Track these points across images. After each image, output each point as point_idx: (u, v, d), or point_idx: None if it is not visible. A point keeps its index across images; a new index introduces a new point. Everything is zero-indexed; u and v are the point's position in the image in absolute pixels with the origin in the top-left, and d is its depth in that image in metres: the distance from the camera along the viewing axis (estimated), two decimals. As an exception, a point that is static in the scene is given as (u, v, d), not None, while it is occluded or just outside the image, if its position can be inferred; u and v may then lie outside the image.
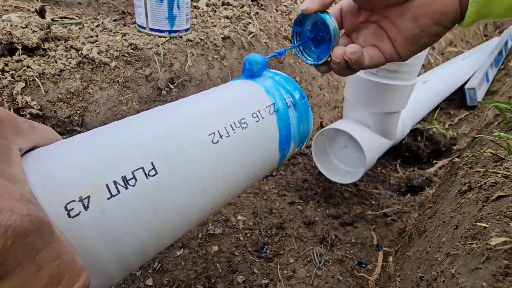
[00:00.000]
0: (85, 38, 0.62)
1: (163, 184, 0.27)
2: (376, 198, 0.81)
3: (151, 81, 0.65)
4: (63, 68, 0.55)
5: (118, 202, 0.24)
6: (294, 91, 0.42)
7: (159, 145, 0.28)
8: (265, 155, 0.39)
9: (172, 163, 0.28)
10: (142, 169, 0.26)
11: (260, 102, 0.38)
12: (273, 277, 0.59)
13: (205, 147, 0.31)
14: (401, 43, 0.40)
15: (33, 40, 0.55)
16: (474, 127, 1.05)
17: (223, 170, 0.32)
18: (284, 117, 0.40)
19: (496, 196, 0.34)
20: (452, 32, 1.81)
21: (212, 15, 0.85)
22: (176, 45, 0.69)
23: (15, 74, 0.52)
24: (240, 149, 0.35)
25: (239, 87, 0.40)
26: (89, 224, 0.22)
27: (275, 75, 0.44)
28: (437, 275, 0.34)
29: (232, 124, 0.34)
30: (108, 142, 0.26)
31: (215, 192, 0.32)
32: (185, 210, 0.29)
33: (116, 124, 0.30)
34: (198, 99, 0.36)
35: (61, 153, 0.24)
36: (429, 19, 0.37)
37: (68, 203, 0.21)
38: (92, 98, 0.58)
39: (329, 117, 1.13)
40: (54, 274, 0.18)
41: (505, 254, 0.26)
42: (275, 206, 0.76)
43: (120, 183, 0.24)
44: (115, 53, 0.61)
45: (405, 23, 0.39)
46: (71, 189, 0.22)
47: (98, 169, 0.24)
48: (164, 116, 0.32)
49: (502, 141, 0.44)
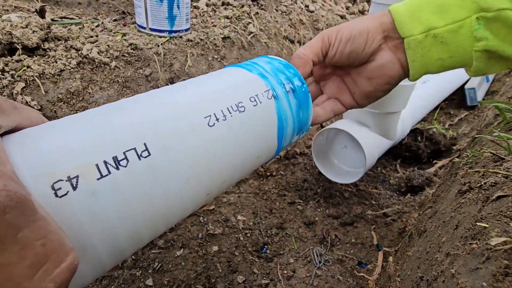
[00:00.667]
0: (85, 38, 0.62)
1: (156, 166, 0.25)
2: (376, 198, 0.81)
3: (151, 81, 0.65)
4: (63, 68, 0.55)
5: (108, 183, 0.22)
6: (293, 77, 0.41)
7: (152, 126, 0.27)
8: (263, 141, 0.37)
9: (165, 145, 0.26)
10: (135, 149, 0.24)
11: (259, 87, 0.37)
12: (273, 277, 0.59)
13: (200, 130, 0.30)
14: (359, 97, 0.47)
15: (33, 40, 0.55)
16: (474, 127, 1.05)
17: (219, 155, 0.31)
18: (283, 103, 0.39)
19: (496, 196, 0.34)
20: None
21: (212, 15, 0.85)
22: (176, 45, 0.69)
23: (15, 74, 0.52)
24: (237, 133, 0.33)
25: (236, 72, 0.39)
26: (78, 205, 0.21)
27: (274, 60, 0.43)
28: (437, 275, 0.34)
29: (229, 107, 0.33)
30: (98, 122, 0.25)
31: (211, 178, 0.31)
32: (179, 195, 0.28)
33: (108, 106, 0.29)
34: (194, 82, 0.35)
35: (48, 133, 0.23)
36: (380, 80, 0.44)
37: (55, 182, 0.20)
38: (92, 98, 0.58)
39: (329, 117, 1.13)
40: (39, 253, 0.17)
41: (505, 254, 0.26)
42: (275, 206, 0.76)
43: (111, 163, 0.23)
44: (115, 53, 0.61)
45: (362, 81, 0.46)
46: (59, 169, 0.21)
47: (87, 149, 0.23)
48: (158, 98, 0.30)
49: (502, 141, 0.44)
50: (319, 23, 1.02)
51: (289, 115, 0.40)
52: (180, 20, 0.68)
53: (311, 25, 1.01)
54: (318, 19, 1.03)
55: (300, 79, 0.42)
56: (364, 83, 0.46)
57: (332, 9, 1.14)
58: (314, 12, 1.04)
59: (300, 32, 0.96)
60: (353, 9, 1.21)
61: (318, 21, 1.02)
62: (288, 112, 0.40)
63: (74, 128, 0.24)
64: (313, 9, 1.05)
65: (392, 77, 0.44)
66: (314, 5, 1.09)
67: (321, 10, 1.09)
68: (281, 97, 0.39)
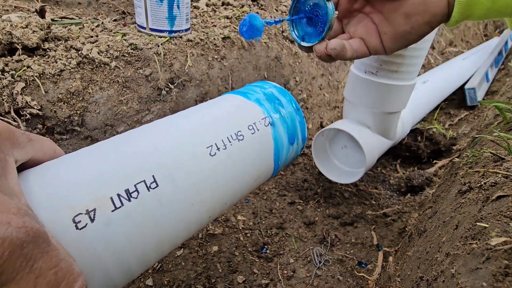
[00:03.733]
0: (85, 38, 0.62)
1: (164, 196, 0.28)
2: (376, 198, 0.81)
3: (151, 81, 0.65)
4: (63, 68, 0.55)
5: (121, 214, 0.25)
6: (288, 103, 0.44)
7: (159, 159, 0.29)
8: (261, 165, 0.40)
9: (172, 176, 0.29)
10: (144, 182, 0.27)
11: (256, 115, 0.40)
12: (273, 277, 0.59)
13: (203, 160, 0.32)
14: (390, 38, 0.42)
15: (33, 40, 0.55)
16: (474, 127, 1.05)
17: (220, 181, 0.34)
18: (279, 129, 0.41)
19: (496, 196, 0.34)
20: (452, 32, 1.81)
21: (212, 15, 0.85)
22: (176, 45, 0.69)
23: (15, 74, 0.52)
24: (237, 160, 0.36)
25: (235, 100, 0.41)
26: (95, 235, 0.23)
27: (269, 87, 0.45)
28: (437, 275, 0.34)
29: (229, 136, 0.35)
30: (110, 156, 0.28)
31: (213, 202, 0.33)
32: (184, 220, 0.30)
33: (118, 139, 0.31)
34: (196, 112, 0.38)
35: (66, 167, 0.26)
36: (421, 18, 0.39)
37: (75, 216, 0.23)
38: (92, 98, 0.58)
39: (329, 117, 1.13)
40: (51, 281, 0.18)
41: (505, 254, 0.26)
42: (275, 206, 0.76)
43: (123, 196, 0.25)
44: (115, 53, 0.61)
45: (398, 19, 0.41)
46: (78, 202, 0.23)
47: (102, 182, 0.25)
48: (164, 130, 0.33)
49: (502, 141, 0.44)
50: (319, 23, 1.02)
51: (284, 140, 0.42)
52: (180, 20, 0.68)
53: (311, 25, 1.01)
54: (318, 19, 1.03)
55: (295, 103, 0.44)
56: (401, 20, 0.41)
57: (332, 9, 1.14)
58: (314, 12, 1.04)
59: (300, 32, 0.96)
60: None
61: (318, 21, 1.02)
62: (284, 137, 0.42)
63: (89, 162, 0.27)
64: (313, 9, 1.05)
65: (435, 16, 0.39)
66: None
67: (321, 10, 1.09)
68: (277, 123, 0.41)
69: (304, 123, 0.45)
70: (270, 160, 0.41)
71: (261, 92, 0.43)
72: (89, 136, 0.59)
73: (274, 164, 0.42)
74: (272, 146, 0.40)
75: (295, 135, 0.44)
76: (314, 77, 1.03)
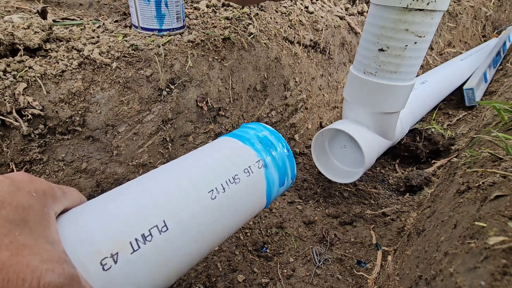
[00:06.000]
0: (87, 39, 0.62)
1: (172, 237, 0.33)
2: (375, 197, 0.82)
3: (152, 81, 0.65)
4: (64, 68, 0.55)
5: (138, 255, 0.30)
6: (278, 143, 0.49)
7: (169, 205, 0.34)
8: (255, 203, 0.45)
9: (179, 219, 0.34)
10: (157, 226, 0.32)
11: (251, 158, 0.45)
12: (273, 276, 0.59)
13: (205, 203, 0.37)
14: None
15: (34, 41, 0.55)
16: (472, 127, 1.06)
17: (219, 220, 0.39)
18: (271, 170, 0.46)
19: (494, 195, 0.35)
20: (450, 33, 1.81)
21: (212, 16, 0.85)
22: (176, 46, 0.69)
23: (17, 75, 0.52)
24: (234, 201, 0.41)
25: (232, 144, 0.47)
26: (118, 274, 0.28)
27: (263, 129, 0.50)
28: (436, 274, 0.34)
29: (227, 180, 0.41)
30: (129, 204, 0.33)
31: (213, 238, 0.38)
32: (188, 255, 0.35)
33: (133, 186, 0.36)
34: (199, 156, 0.43)
35: (92, 217, 0.31)
36: None
37: (102, 259, 0.28)
38: (94, 98, 0.58)
39: (329, 117, 1.13)
40: None
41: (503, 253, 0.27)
42: (275, 206, 0.76)
43: (140, 240, 0.30)
44: (116, 54, 0.61)
45: None
46: (104, 247, 0.28)
47: (123, 229, 0.30)
48: (173, 176, 0.38)
49: (500, 141, 0.45)
50: (318, 24, 1.02)
51: (276, 178, 0.47)
52: (169, 18, 0.68)
53: (310, 26, 1.01)
54: (317, 20, 1.03)
55: (285, 144, 0.50)
56: None
57: (332, 10, 1.14)
58: (314, 13, 1.04)
59: (299, 33, 0.97)
60: (352, 10, 1.21)
61: (317, 22, 1.03)
62: (275, 177, 0.47)
63: (110, 211, 0.32)
64: (312, 10, 1.05)
65: None
66: (313, 6, 1.09)
67: (321, 11, 1.09)
68: (269, 165, 0.47)
69: (293, 162, 0.50)
70: (263, 197, 0.46)
71: (255, 136, 0.49)
72: (90, 136, 0.59)
73: (266, 199, 0.47)
74: (265, 186, 0.46)
75: (285, 174, 0.49)
76: (314, 78, 1.04)
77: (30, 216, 0.24)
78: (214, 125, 0.78)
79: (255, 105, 0.86)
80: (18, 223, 0.23)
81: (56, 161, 0.57)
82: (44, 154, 0.56)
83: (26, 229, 0.23)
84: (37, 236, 0.24)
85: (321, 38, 1.02)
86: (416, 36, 0.59)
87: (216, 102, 0.76)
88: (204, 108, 0.73)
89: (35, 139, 0.54)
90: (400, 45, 0.60)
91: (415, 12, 0.56)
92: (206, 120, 0.76)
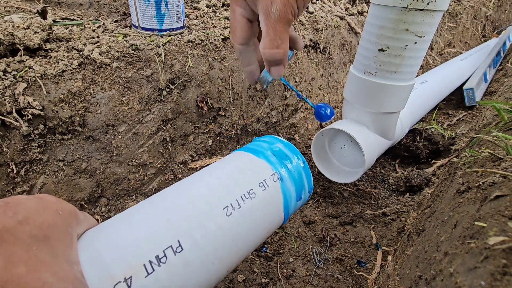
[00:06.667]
0: (87, 39, 0.63)
1: (188, 258, 0.31)
2: (375, 197, 0.82)
3: (152, 81, 0.65)
4: (64, 68, 0.55)
5: (153, 278, 0.29)
6: (293, 157, 0.47)
7: (184, 225, 0.33)
8: (272, 219, 0.42)
9: (194, 238, 0.33)
10: (171, 247, 0.31)
11: (265, 172, 0.43)
12: (273, 276, 0.59)
13: (221, 221, 0.35)
14: None
15: (34, 41, 0.55)
16: (472, 127, 1.06)
17: (236, 238, 0.37)
18: (287, 183, 0.44)
19: (494, 195, 0.35)
20: (450, 33, 1.81)
21: (212, 16, 0.85)
22: (176, 46, 0.69)
23: (17, 75, 0.52)
24: (250, 217, 0.39)
25: (245, 159, 0.45)
26: None
27: (276, 142, 0.48)
28: (436, 274, 0.34)
29: (243, 195, 0.39)
30: (141, 225, 0.32)
31: (230, 258, 0.36)
32: (205, 277, 0.34)
33: (149, 206, 0.35)
34: (212, 172, 0.41)
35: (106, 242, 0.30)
36: None
37: (116, 284, 0.27)
38: (94, 98, 0.58)
39: (329, 117, 1.13)
40: None
41: (503, 253, 0.27)
42: (275, 206, 0.76)
43: (154, 262, 0.29)
44: (116, 54, 0.61)
45: None
46: (117, 272, 0.27)
47: (137, 252, 0.29)
48: (184, 194, 0.37)
49: (500, 141, 0.45)
50: (318, 24, 1.02)
51: (292, 192, 0.45)
52: (169, 18, 0.68)
53: (310, 26, 1.01)
54: (317, 20, 1.03)
55: (300, 156, 0.47)
56: None
57: (332, 10, 1.14)
58: (314, 13, 1.04)
59: (299, 33, 0.97)
60: (352, 10, 1.21)
61: (317, 22, 1.03)
62: (292, 190, 0.45)
63: (124, 234, 0.31)
64: (312, 10, 1.05)
65: None
66: (313, 6, 1.09)
67: (321, 11, 1.09)
68: (285, 178, 0.44)
69: (310, 174, 0.47)
70: (280, 212, 0.44)
71: (269, 148, 0.47)
72: (90, 136, 0.59)
73: (284, 214, 0.44)
74: (282, 200, 0.43)
75: (302, 187, 0.47)
76: (314, 78, 1.04)
77: (54, 234, 0.25)
78: (214, 125, 0.78)
79: (255, 105, 0.86)
80: (40, 239, 0.24)
81: (56, 161, 0.57)
82: (44, 154, 0.56)
83: (47, 246, 0.24)
84: (56, 254, 0.24)
85: (321, 38, 1.02)
86: (416, 36, 0.59)
87: (216, 102, 0.76)
88: (204, 108, 0.73)
89: (35, 139, 0.54)
90: (400, 45, 0.60)
91: (415, 12, 0.56)
92: (206, 120, 0.76)
